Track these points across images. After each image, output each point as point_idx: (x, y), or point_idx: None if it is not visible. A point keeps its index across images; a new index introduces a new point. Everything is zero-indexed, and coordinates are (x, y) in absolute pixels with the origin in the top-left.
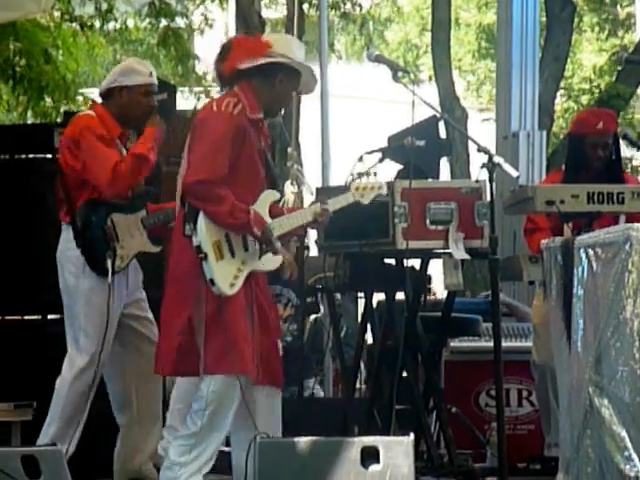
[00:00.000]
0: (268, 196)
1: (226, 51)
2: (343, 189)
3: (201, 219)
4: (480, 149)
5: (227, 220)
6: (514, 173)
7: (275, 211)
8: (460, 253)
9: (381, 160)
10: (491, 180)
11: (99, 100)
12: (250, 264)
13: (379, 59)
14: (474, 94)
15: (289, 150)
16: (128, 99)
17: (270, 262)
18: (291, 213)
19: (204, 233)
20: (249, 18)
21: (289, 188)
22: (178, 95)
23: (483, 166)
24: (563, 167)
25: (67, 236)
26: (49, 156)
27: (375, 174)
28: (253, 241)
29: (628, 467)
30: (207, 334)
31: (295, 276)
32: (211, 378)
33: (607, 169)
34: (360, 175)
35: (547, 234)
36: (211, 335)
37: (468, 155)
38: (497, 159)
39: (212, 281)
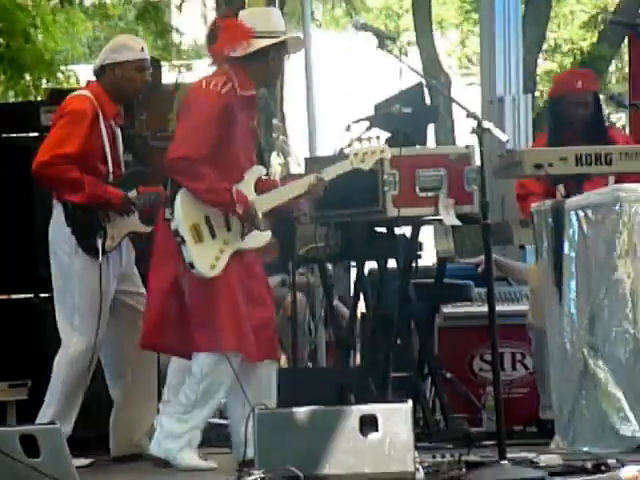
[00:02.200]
0: (253, 173)
1: (213, 33)
2: (334, 158)
3: (178, 202)
4: (469, 114)
5: (207, 196)
6: (503, 137)
7: (265, 185)
8: (451, 219)
9: (368, 128)
10: (481, 145)
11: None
12: (233, 243)
13: (365, 27)
14: (457, 57)
15: (274, 121)
16: (120, 75)
17: (256, 239)
18: (283, 186)
19: (181, 216)
20: None
21: (275, 159)
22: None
23: (473, 131)
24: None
25: (58, 216)
26: (36, 134)
27: (373, 139)
28: (237, 220)
29: (624, 427)
30: (194, 314)
31: (275, 254)
32: (204, 356)
33: (589, 127)
34: (355, 140)
35: (539, 198)
36: (199, 315)
37: (452, 121)
38: (486, 124)
39: (191, 264)
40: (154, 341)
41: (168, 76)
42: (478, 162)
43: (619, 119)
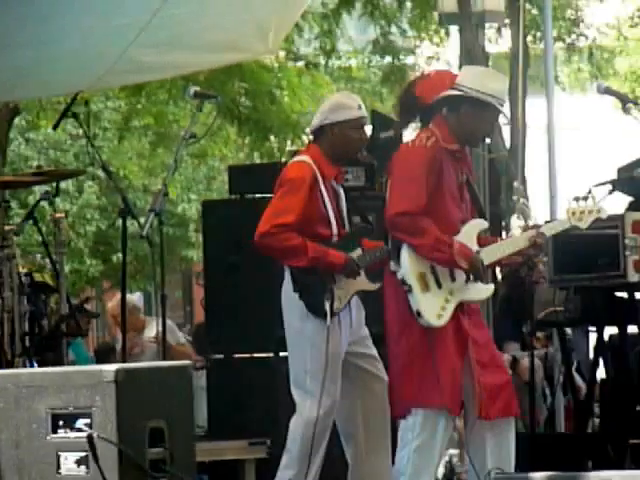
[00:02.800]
0: (475, 226)
1: (416, 82)
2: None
3: (404, 251)
4: None
5: (431, 253)
6: None
7: (484, 241)
8: None
9: (611, 192)
10: None
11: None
12: (458, 294)
13: (608, 91)
14: None
15: (515, 184)
16: (339, 135)
17: (480, 292)
18: (503, 240)
19: (408, 265)
20: (473, 52)
21: (515, 222)
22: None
23: None
24: None
25: (288, 280)
26: None
27: (594, 198)
28: (460, 271)
29: None
30: (418, 366)
31: None
32: (415, 412)
33: None
34: (577, 199)
35: None
36: (421, 368)
37: None
38: None
39: (418, 313)
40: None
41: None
42: None
43: None
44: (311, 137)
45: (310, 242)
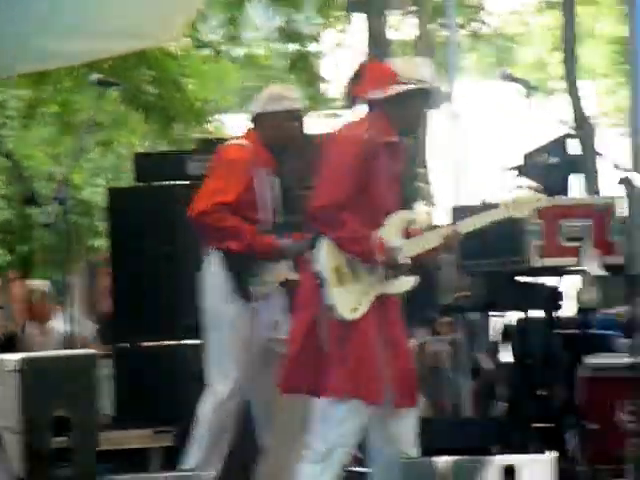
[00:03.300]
0: (401, 218)
1: (359, 75)
2: (479, 208)
3: (322, 244)
4: (616, 166)
5: (348, 246)
6: None
7: (411, 233)
8: (595, 269)
9: (517, 178)
10: (628, 196)
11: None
12: (376, 287)
13: (511, 78)
14: (607, 106)
15: (419, 170)
16: (278, 125)
17: (399, 285)
18: (423, 234)
19: (324, 258)
20: (380, 39)
21: (420, 208)
22: (307, 119)
23: (621, 182)
24: None
25: (213, 263)
26: (185, 183)
27: (532, 190)
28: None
29: None
30: (332, 358)
31: None
32: (337, 401)
33: None
34: (505, 190)
35: None
36: (336, 359)
37: (596, 171)
38: (634, 175)
39: (332, 306)
40: (292, 383)
41: (315, 126)
42: (624, 212)
43: None
44: (250, 124)
45: (246, 225)
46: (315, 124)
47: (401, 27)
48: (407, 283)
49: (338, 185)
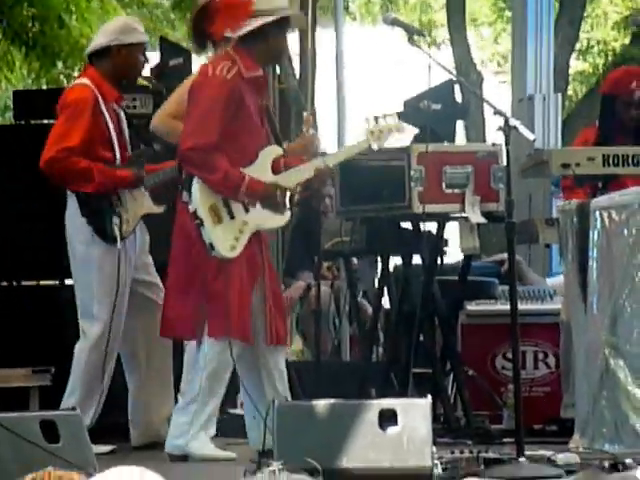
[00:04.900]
0: (270, 152)
1: (207, 12)
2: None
3: (195, 185)
4: (496, 112)
5: (221, 188)
6: (530, 136)
7: (279, 166)
8: (476, 216)
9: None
10: (507, 143)
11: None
12: (252, 224)
13: (395, 22)
14: (490, 54)
15: (305, 114)
16: (127, 58)
17: (274, 220)
18: (297, 167)
19: (199, 198)
20: None
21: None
22: (195, 59)
23: (499, 129)
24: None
25: (73, 206)
26: None
27: (393, 116)
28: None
29: None
30: (209, 298)
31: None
32: (208, 341)
33: None
34: (376, 118)
35: (585, 191)
36: (213, 299)
37: (483, 118)
38: (513, 122)
39: (211, 245)
40: (175, 327)
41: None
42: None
43: None
44: (88, 59)
45: (95, 165)
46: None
47: None
48: (281, 219)
49: (206, 126)
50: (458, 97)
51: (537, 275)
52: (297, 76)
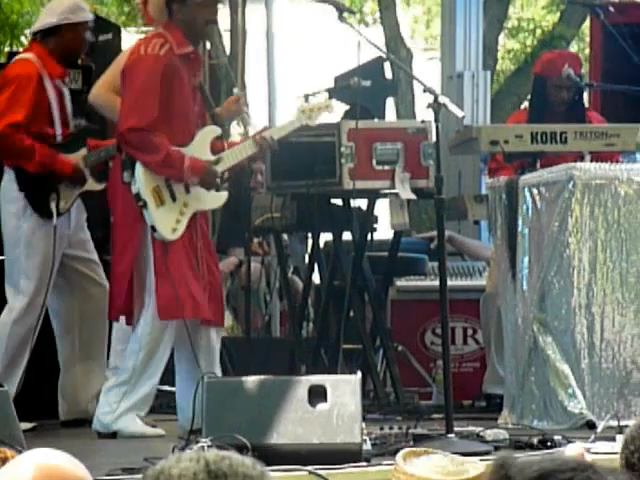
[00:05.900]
0: (208, 133)
1: None
2: None
3: (138, 166)
4: (426, 89)
5: (161, 170)
6: (459, 113)
7: (218, 147)
8: (406, 193)
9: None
10: (436, 120)
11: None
12: (193, 205)
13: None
14: (421, 31)
15: (235, 91)
16: (73, 36)
17: (213, 200)
18: (233, 147)
19: (142, 180)
20: None
21: (235, 129)
22: (125, 35)
23: (429, 106)
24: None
25: (9, 179)
26: None
27: (323, 94)
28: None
29: (572, 404)
30: (155, 279)
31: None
32: (149, 323)
33: (570, 109)
34: (307, 96)
35: (510, 172)
36: (159, 280)
37: (413, 95)
38: (442, 99)
39: (153, 228)
40: (125, 310)
41: (133, 42)
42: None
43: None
44: (33, 36)
45: (39, 145)
46: (132, 40)
47: None
48: (220, 198)
49: (144, 105)
50: (388, 74)
51: (477, 241)
52: (227, 52)
